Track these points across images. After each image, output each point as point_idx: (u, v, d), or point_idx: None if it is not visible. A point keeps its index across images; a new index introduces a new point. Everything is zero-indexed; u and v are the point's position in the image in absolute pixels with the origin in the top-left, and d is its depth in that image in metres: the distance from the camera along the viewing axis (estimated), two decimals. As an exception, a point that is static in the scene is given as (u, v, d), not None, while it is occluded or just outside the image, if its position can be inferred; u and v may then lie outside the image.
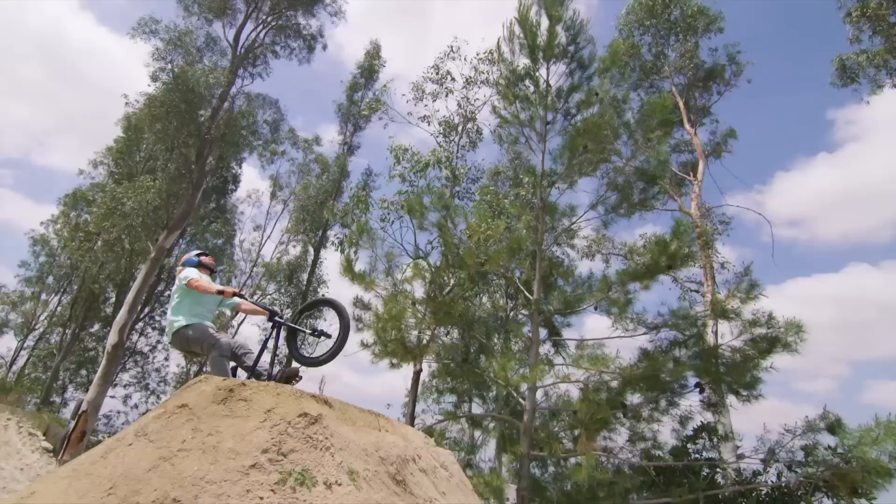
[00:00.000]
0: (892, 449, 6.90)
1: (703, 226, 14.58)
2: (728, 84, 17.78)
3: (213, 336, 3.96)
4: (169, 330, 4.15)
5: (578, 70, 9.50)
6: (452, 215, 10.34)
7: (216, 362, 3.85)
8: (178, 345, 4.17)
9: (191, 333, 4.03)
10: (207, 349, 3.93)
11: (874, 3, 13.75)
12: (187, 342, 4.07)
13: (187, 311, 4.13)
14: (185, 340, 4.07)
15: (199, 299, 4.20)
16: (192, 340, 4.03)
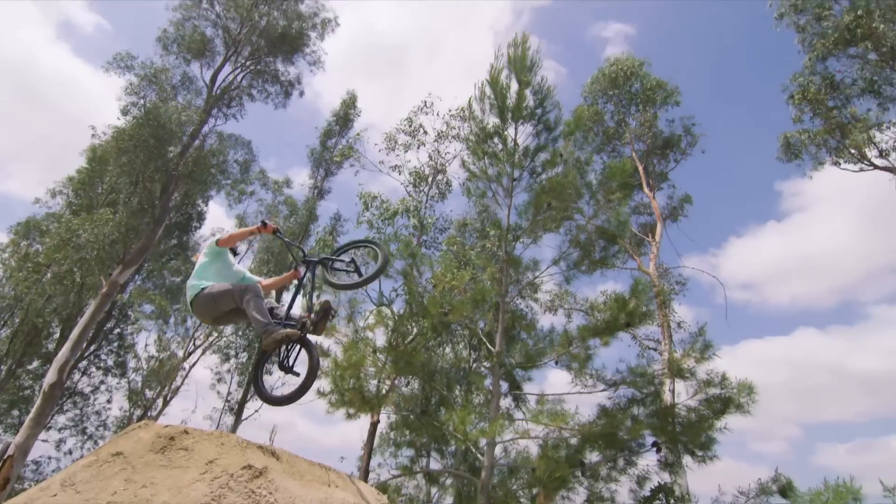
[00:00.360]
0: (842, 513, 7.03)
1: (660, 285, 15.05)
2: (684, 153, 18.92)
3: (240, 283, 3.68)
4: (191, 295, 3.74)
5: (545, 131, 9.96)
6: (418, 264, 10.38)
7: (255, 304, 3.51)
8: (205, 309, 3.72)
9: (216, 290, 3.67)
10: (240, 295, 3.58)
11: (814, 89, 15.07)
12: (214, 301, 3.66)
13: (214, 274, 3.82)
14: (212, 299, 3.66)
15: (226, 265, 3.93)
16: (220, 295, 3.65)
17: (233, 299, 3.63)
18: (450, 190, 16.72)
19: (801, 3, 14.86)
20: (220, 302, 3.67)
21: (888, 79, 14.47)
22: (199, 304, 3.71)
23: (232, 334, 24.14)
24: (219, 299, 3.66)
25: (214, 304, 3.68)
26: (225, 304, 3.68)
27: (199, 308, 3.74)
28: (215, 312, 3.75)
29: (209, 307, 3.71)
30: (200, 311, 3.77)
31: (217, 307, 3.70)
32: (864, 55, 14.52)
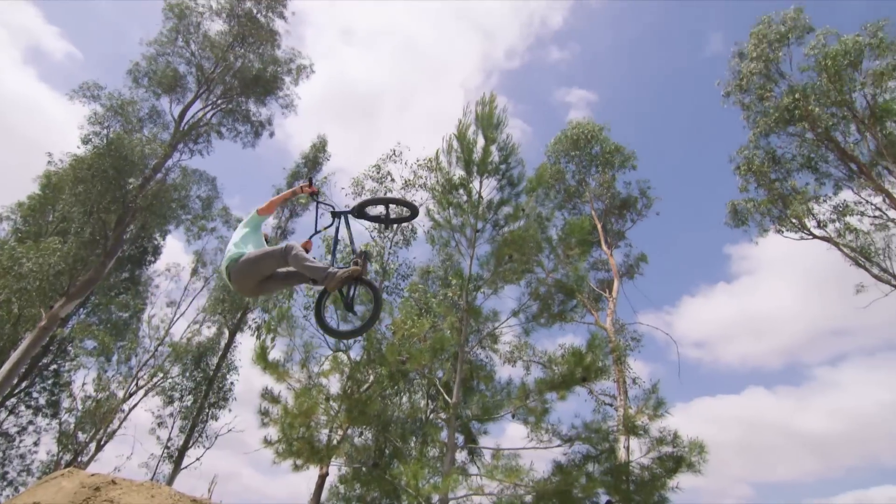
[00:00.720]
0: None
1: (616, 341, 15.33)
2: (640, 214, 19.81)
3: (279, 245, 3.66)
4: (230, 261, 3.69)
5: (508, 186, 10.27)
6: (378, 310, 10.26)
7: (300, 257, 3.49)
8: (246, 274, 3.65)
9: (257, 253, 3.63)
10: (283, 255, 3.56)
11: (757, 162, 16.21)
12: (255, 265, 3.62)
13: (253, 245, 3.82)
14: (254, 263, 3.62)
15: (262, 240, 3.96)
16: (262, 258, 3.61)
17: (276, 261, 3.63)
18: (414, 237, 16.85)
19: (745, 83, 16.20)
20: (261, 265, 3.65)
21: (823, 156, 15.73)
22: (239, 270, 3.67)
23: (179, 375, 22.96)
24: (260, 262, 3.65)
25: (256, 267, 3.65)
26: (266, 268, 3.67)
27: (238, 274, 3.68)
28: (256, 276, 3.70)
29: (250, 271, 3.66)
30: (241, 277, 3.69)
31: (258, 271, 3.67)
32: (802, 134, 15.82)
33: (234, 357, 23.16)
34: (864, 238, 14.87)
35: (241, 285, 3.78)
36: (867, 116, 14.76)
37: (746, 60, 16.13)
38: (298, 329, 9.11)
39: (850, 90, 14.77)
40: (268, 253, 3.65)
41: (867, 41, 14.67)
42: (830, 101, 14.91)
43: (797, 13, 15.72)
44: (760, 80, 16.03)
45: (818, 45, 15.03)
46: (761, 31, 15.93)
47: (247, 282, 3.73)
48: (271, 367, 8.28)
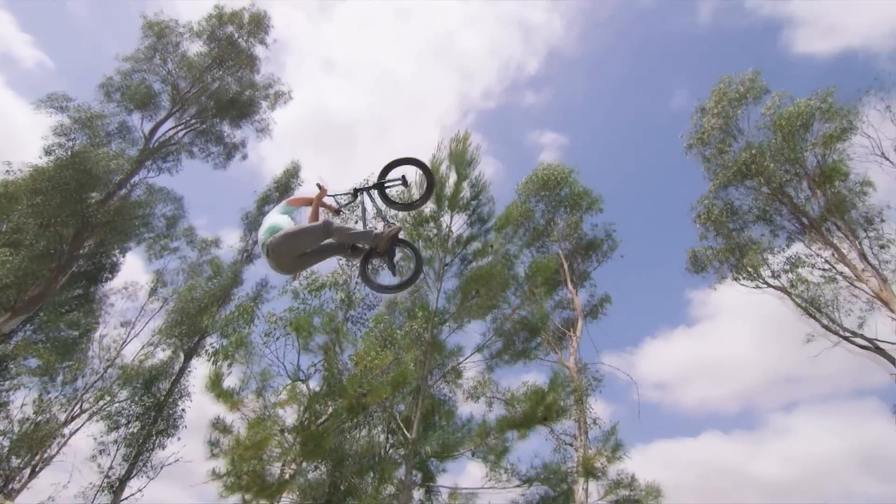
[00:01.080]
0: None
1: (578, 381, 15.41)
2: (605, 255, 20.29)
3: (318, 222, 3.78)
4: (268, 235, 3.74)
5: (478, 222, 10.44)
6: (341, 340, 10.13)
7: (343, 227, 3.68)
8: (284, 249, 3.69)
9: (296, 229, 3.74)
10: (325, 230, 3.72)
11: (716, 212, 16.93)
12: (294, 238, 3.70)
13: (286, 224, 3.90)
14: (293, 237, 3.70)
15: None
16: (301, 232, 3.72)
17: (315, 237, 3.75)
18: (382, 267, 16.76)
19: (706, 137, 17.06)
20: (300, 239, 3.73)
21: (777, 210, 16.55)
22: (279, 244, 3.69)
23: (127, 400, 21.81)
24: (299, 236, 3.72)
25: (295, 241, 3.72)
26: (305, 243, 3.76)
27: (279, 248, 3.71)
28: (295, 252, 3.76)
29: (291, 245, 3.72)
30: (280, 251, 3.73)
31: (297, 246, 3.74)
32: (758, 188, 16.65)
33: (187, 382, 22.21)
34: (814, 290, 15.57)
35: (280, 260, 3.79)
36: (817, 175, 15.69)
37: (707, 116, 17.04)
38: (256, 357, 8.86)
39: (801, 150, 15.71)
40: (307, 228, 3.75)
41: (818, 105, 15.73)
42: (784, 158, 15.81)
43: (755, 75, 16.79)
44: (720, 136, 16.91)
45: (773, 106, 16.03)
46: (722, 89, 16.92)
47: (286, 257, 3.76)
48: (225, 396, 7.99)
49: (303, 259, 3.88)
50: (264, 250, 3.82)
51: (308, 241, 3.77)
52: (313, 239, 3.77)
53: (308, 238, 3.76)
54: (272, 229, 3.81)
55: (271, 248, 3.73)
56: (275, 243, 3.71)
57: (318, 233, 3.75)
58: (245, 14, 20.10)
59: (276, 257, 3.78)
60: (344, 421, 11.59)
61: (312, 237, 3.76)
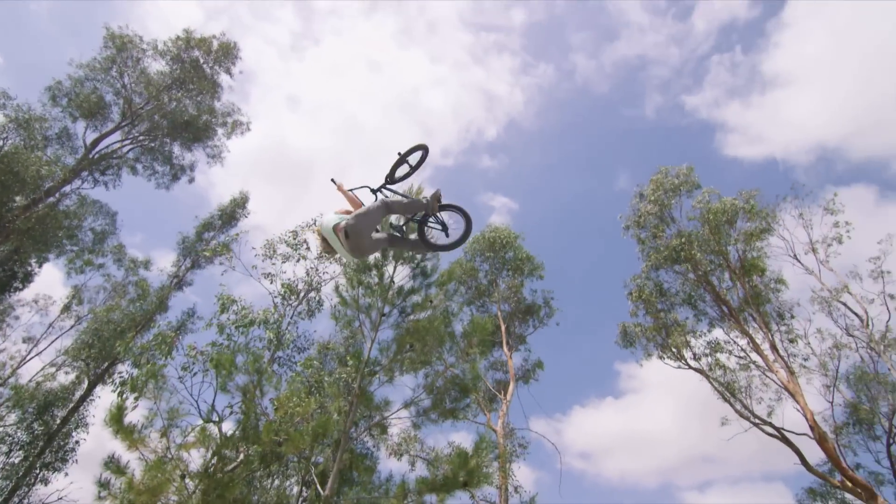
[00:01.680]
0: None
1: (504, 445, 15.28)
2: (542, 321, 20.75)
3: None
4: (341, 222, 4.13)
5: (421, 276, 10.48)
6: (263, 382, 9.67)
7: (395, 201, 4.16)
8: (360, 228, 4.04)
9: (360, 210, 4.10)
10: (383, 206, 4.14)
11: (647, 291, 17.83)
12: (365, 216, 4.06)
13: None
14: (364, 216, 4.06)
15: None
16: (367, 212, 4.07)
17: (380, 213, 4.13)
18: (320, 310, 16.36)
19: (642, 221, 18.22)
20: (370, 217, 4.09)
21: (702, 296, 17.66)
22: (356, 225, 4.03)
23: (14, 425, 19.51)
24: (368, 215, 4.08)
25: (367, 219, 4.06)
26: (374, 220, 4.14)
27: (356, 228, 4.04)
28: (370, 230, 4.12)
29: (365, 223, 4.06)
30: (358, 231, 4.05)
31: (370, 223, 4.10)
32: (686, 273, 17.78)
33: (87, 412, 20.26)
34: (730, 375, 16.47)
35: (358, 240, 4.12)
36: (738, 268, 16.98)
37: (645, 202, 18.28)
38: (167, 392, 8.27)
39: (725, 243, 17.05)
40: (370, 208, 4.14)
41: (741, 205, 17.25)
42: (710, 249, 17.06)
43: (689, 170, 18.31)
44: (655, 221, 18.11)
45: (703, 201, 17.43)
46: (659, 179, 18.29)
47: (363, 235, 4.10)
48: (124, 432, 7.35)
49: (375, 242, 4.30)
50: (342, 234, 4.13)
51: (376, 218, 4.14)
52: (378, 215, 4.14)
53: (375, 215, 4.12)
54: (338, 218, 4.19)
55: (350, 228, 4.05)
56: (351, 223, 4.06)
57: (381, 209, 4.14)
58: (214, 42, 20.10)
59: (354, 237, 4.09)
60: (255, 469, 10.86)
61: (377, 214, 4.13)
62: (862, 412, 16.11)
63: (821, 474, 14.95)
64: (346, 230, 4.08)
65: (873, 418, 15.89)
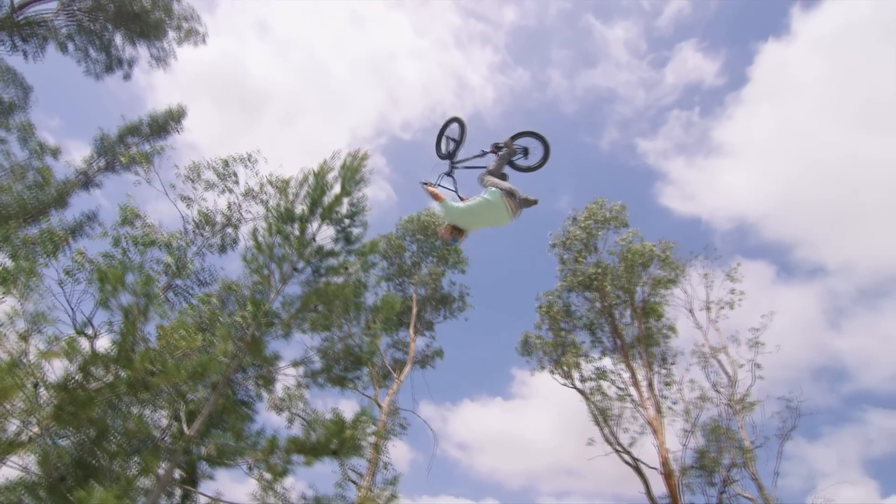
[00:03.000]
0: None
1: (385, 422, 15.54)
2: (452, 313, 21.19)
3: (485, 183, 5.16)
4: (498, 195, 4.89)
5: (343, 241, 10.34)
6: (150, 307, 9.19)
7: (490, 171, 5.24)
8: (510, 192, 4.90)
9: (493, 183, 5.06)
10: (490, 173, 5.25)
11: (555, 309, 18.69)
12: (500, 186, 4.96)
13: (477, 201, 5.04)
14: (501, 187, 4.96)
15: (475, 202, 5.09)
16: (498, 183, 5.02)
17: (500, 177, 5.24)
18: (234, 248, 15.72)
19: (568, 243, 19.04)
20: (501, 184, 5.01)
21: (601, 326, 18.78)
22: (509, 191, 4.89)
23: None
24: (499, 184, 5.00)
25: (504, 185, 5.00)
26: (504, 183, 5.07)
27: (509, 193, 4.88)
28: (508, 190, 4.96)
29: (507, 188, 4.94)
30: (510, 195, 4.88)
31: (507, 186, 4.99)
32: (594, 301, 18.82)
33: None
34: (607, 402, 17.69)
35: (518, 200, 4.91)
36: (640, 308, 18.20)
37: (576, 226, 19.09)
38: (38, 293, 7.66)
39: (635, 283, 18.19)
40: (496, 181, 5.03)
41: (658, 253, 18.45)
42: (620, 285, 18.14)
43: (622, 208, 19.30)
44: (580, 246, 18.99)
45: (626, 240, 18.48)
46: (594, 209, 19.15)
47: (512, 197, 4.88)
48: (-20, 327, 6.74)
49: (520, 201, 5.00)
50: (508, 197, 4.86)
51: (503, 181, 5.09)
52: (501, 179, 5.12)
53: (502, 180, 5.07)
54: (495, 191, 4.93)
55: (512, 190, 4.88)
56: (508, 186, 4.93)
57: (494, 175, 5.15)
58: (190, -62, 18.47)
59: (510, 200, 4.85)
60: (123, 394, 10.32)
61: (497, 175, 5.19)
62: (707, 459, 17.89)
63: (658, 506, 16.51)
64: (510, 191, 4.86)
65: (715, 467, 17.71)
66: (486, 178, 5.14)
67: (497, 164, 5.23)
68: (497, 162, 5.26)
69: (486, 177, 5.14)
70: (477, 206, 4.97)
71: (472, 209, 4.98)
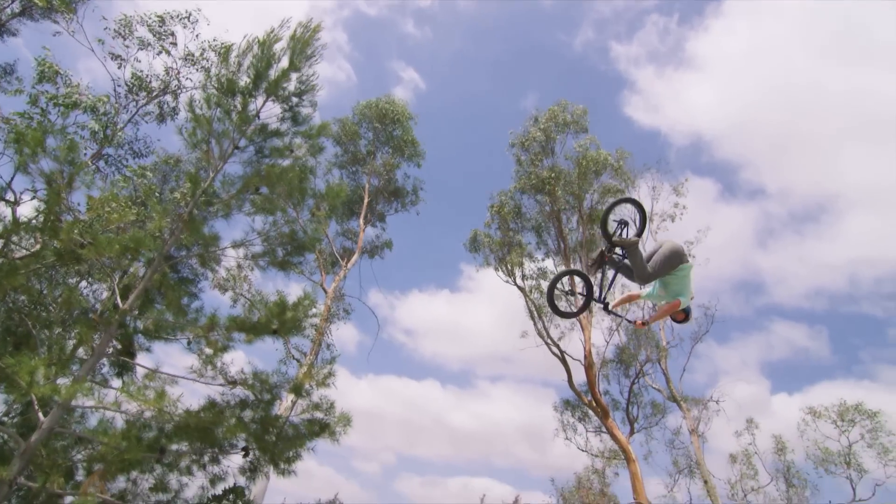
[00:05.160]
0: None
1: (330, 306, 15.94)
2: (405, 206, 21.10)
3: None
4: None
5: (290, 121, 9.73)
6: (76, 175, 8.58)
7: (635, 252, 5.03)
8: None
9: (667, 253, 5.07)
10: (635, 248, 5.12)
11: (507, 209, 18.91)
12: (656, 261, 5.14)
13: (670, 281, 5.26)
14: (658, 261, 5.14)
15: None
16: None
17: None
18: (173, 118, 14.54)
19: (527, 144, 18.81)
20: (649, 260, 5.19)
21: (548, 229, 19.27)
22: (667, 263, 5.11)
23: None
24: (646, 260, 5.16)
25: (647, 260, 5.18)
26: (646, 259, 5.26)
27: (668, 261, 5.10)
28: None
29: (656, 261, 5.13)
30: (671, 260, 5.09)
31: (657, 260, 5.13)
32: (544, 205, 19.11)
33: None
34: (543, 300, 18.71)
35: (675, 257, 5.09)
36: (586, 215, 18.68)
37: (536, 127, 18.75)
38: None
39: (585, 191, 18.48)
40: (656, 270, 5.09)
41: (612, 162, 18.59)
42: (571, 191, 18.40)
43: (584, 112, 19.01)
44: (538, 148, 18.82)
45: (584, 146, 18.43)
46: (556, 111, 18.76)
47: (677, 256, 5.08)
48: None
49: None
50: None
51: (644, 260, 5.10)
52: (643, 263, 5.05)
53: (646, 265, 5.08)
54: (676, 281, 5.14)
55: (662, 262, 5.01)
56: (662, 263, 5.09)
57: (642, 265, 5.05)
58: None
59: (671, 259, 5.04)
60: (51, 265, 9.95)
61: (645, 264, 5.07)
62: (626, 355, 19.72)
63: (577, 391, 18.32)
64: (667, 257, 5.03)
65: (632, 361, 19.59)
66: (650, 276, 5.11)
67: (635, 263, 5.01)
68: (633, 263, 5.04)
69: (649, 277, 5.12)
70: (676, 281, 5.14)
71: (675, 283, 5.18)
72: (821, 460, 17.44)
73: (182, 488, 9.79)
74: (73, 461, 9.53)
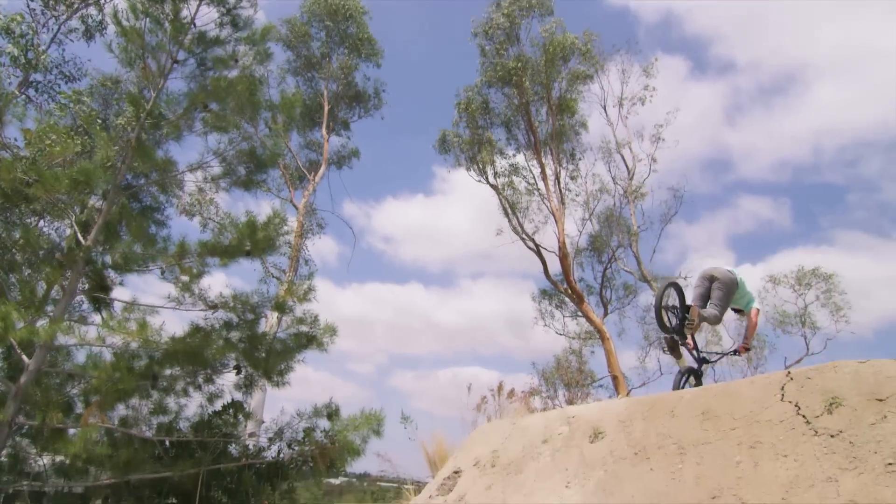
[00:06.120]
0: (366, 433, 8.87)
1: (301, 221, 15.76)
2: (368, 111, 20.18)
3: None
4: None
5: (230, 26, 8.91)
6: (6, 108, 7.90)
7: (703, 316, 4.98)
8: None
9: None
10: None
11: (474, 106, 18.25)
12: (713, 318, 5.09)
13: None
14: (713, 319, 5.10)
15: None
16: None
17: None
18: (102, 33, 13.16)
19: (490, 32, 17.71)
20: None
21: (517, 123, 18.80)
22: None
23: None
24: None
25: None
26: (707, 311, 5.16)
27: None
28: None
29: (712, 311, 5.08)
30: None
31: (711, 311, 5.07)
32: (512, 98, 18.46)
33: None
34: (517, 196, 18.78)
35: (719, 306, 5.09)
36: (555, 105, 18.18)
37: (499, 13, 17.54)
38: None
39: (553, 79, 17.80)
40: (714, 311, 5.05)
41: (580, 45, 17.74)
42: (539, 80, 17.70)
43: (548, -9, 17.74)
44: (502, 36, 17.76)
45: (549, 30, 17.43)
46: (519, -9, 17.45)
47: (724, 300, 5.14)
48: None
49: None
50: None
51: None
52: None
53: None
54: (740, 296, 5.27)
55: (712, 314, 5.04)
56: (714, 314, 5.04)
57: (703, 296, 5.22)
58: None
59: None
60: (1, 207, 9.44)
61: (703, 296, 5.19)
62: (598, 242, 20.29)
63: (553, 281, 19.06)
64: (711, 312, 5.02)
65: (604, 248, 20.22)
66: (722, 316, 5.15)
67: (710, 321, 5.08)
68: (709, 323, 5.17)
69: (722, 317, 5.15)
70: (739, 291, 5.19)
71: (740, 298, 5.29)
72: (779, 322, 18.86)
73: (181, 409, 10.19)
74: (69, 396, 9.77)
